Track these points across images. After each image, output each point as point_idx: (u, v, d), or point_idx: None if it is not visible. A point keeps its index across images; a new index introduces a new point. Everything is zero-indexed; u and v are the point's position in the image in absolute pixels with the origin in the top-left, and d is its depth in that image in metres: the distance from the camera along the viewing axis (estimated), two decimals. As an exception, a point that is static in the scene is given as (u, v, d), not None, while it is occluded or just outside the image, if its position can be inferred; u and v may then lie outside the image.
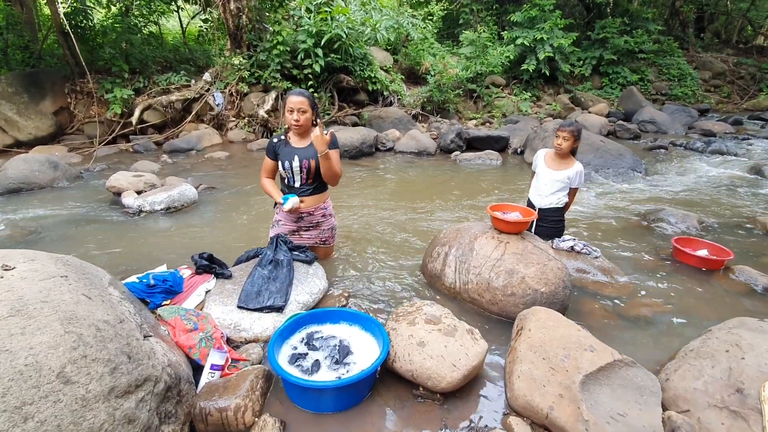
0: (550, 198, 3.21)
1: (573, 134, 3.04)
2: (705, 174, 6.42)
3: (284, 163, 2.68)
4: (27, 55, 8.74)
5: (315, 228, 2.91)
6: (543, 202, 3.25)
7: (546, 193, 3.22)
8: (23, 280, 1.47)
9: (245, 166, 6.69)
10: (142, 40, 9.74)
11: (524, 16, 12.01)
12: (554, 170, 3.17)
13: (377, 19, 9.12)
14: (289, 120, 2.57)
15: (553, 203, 3.21)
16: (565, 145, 3.06)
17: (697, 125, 10.32)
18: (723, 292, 2.90)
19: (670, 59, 14.31)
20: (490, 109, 11.06)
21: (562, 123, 3.17)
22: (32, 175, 5.25)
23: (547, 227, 3.26)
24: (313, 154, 2.64)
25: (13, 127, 7.55)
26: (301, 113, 2.55)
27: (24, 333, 1.29)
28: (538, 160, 3.31)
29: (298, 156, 2.65)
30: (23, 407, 1.18)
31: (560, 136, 3.07)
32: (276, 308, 2.27)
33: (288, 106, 2.56)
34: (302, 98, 2.54)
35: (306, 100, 2.55)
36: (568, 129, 3.04)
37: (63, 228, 4.06)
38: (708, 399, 1.68)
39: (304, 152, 2.67)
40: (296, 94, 2.56)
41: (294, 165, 2.66)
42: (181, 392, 1.63)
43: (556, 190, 3.17)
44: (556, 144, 3.10)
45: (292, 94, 2.58)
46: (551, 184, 3.18)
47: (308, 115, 2.58)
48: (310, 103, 2.57)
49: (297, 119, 2.55)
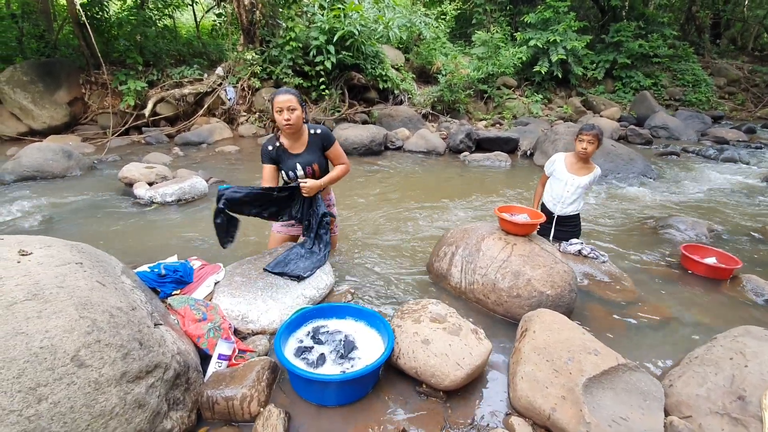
0: (573, 206, 3.19)
1: (597, 137, 2.99)
2: (716, 182, 6.35)
3: (288, 174, 2.60)
4: (42, 45, 8.87)
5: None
6: (566, 210, 3.21)
7: (569, 200, 3.18)
8: (40, 266, 1.51)
9: (255, 160, 6.74)
10: (157, 33, 9.84)
11: (538, 18, 11.93)
12: (579, 176, 3.12)
13: (390, 17, 9.13)
14: (280, 121, 2.42)
15: (576, 210, 3.20)
16: (590, 149, 3.00)
17: (710, 132, 10.20)
18: (730, 301, 2.88)
19: (684, 65, 14.15)
20: (501, 110, 11.02)
21: (584, 127, 3.06)
22: (46, 164, 5.34)
23: (567, 231, 3.26)
24: (314, 158, 2.59)
25: (27, 116, 7.68)
26: (291, 111, 2.40)
27: (40, 317, 1.33)
28: (557, 165, 3.21)
29: (300, 164, 2.57)
30: (38, 388, 1.21)
31: (584, 140, 3.00)
32: (295, 277, 2.41)
33: (276, 107, 2.40)
34: (289, 96, 2.40)
35: (293, 98, 2.41)
36: (591, 132, 2.97)
37: (76, 216, 4.14)
38: (710, 405, 1.68)
39: (304, 159, 2.58)
40: (282, 93, 2.41)
41: (298, 174, 2.60)
42: (189, 380, 1.67)
43: (579, 196, 3.16)
44: (581, 148, 3.02)
45: (277, 94, 2.42)
46: (575, 190, 3.13)
47: (298, 113, 2.43)
48: (298, 100, 2.44)
49: (288, 119, 2.39)
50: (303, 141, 2.58)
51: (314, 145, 2.59)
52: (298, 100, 2.44)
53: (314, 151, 2.59)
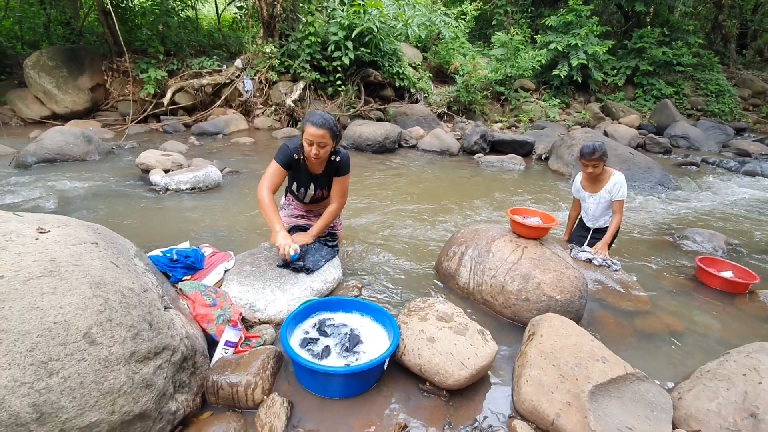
0: (604, 219, 3.30)
1: (601, 159, 3.04)
2: (736, 194, 6.20)
3: (300, 188, 2.60)
4: (68, 31, 9.06)
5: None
6: (596, 224, 3.36)
7: (595, 216, 3.32)
8: (57, 244, 1.54)
9: (269, 153, 6.74)
10: (179, 23, 9.97)
11: (560, 21, 11.76)
12: (596, 193, 3.23)
13: (410, 14, 9.10)
14: (308, 151, 2.31)
15: (607, 222, 3.29)
16: (596, 171, 3.09)
17: (731, 144, 9.96)
18: (745, 316, 2.81)
19: (708, 74, 13.81)
20: (517, 113, 10.91)
21: (582, 151, 3.06)
22: (67, 147, 5.46)
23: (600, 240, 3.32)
24: (327, 183, 2.60)
25: (51, 100, 7.85)
26: (321, 147, 2.27)
27: (55, 293, 1.36)
28: (576, 186, 3.37)
29: (314, 184, 2.59)
30: (49, 362, 1.24)
31: (589, 165, 3.07)
32: (296, 269, 2.41)
33: (306, 138, 2.26)
34: (323, 131, 2.23)
35: (327, 133, 2.25)
36: (592, 159, 3.02)
37: (93, 199, 4.22)
38: (720, 421, 1.64)
39: (319, 181, 2.58)
40: (318, 126, 2.22)
41: (309, 191, 2.63)
42: (195, 364, 1.69)
43: (604, 209, 3.25)
44: (588, 173, 3.14)
45: (312, 123, 2.22)
46: (595, 206, 3.26)
47: (328, 148, 2.33)
48: (331, 135, 2.28)
49: (317, 153, 2.29)
50: (323, 162, 2.51)
51: (330, 170, 2.57)
52: (332, 134, 2.29)
53: (329, 175, 2.59)
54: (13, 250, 1.43)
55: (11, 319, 1.25)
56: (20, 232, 1.53)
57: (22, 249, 1.45)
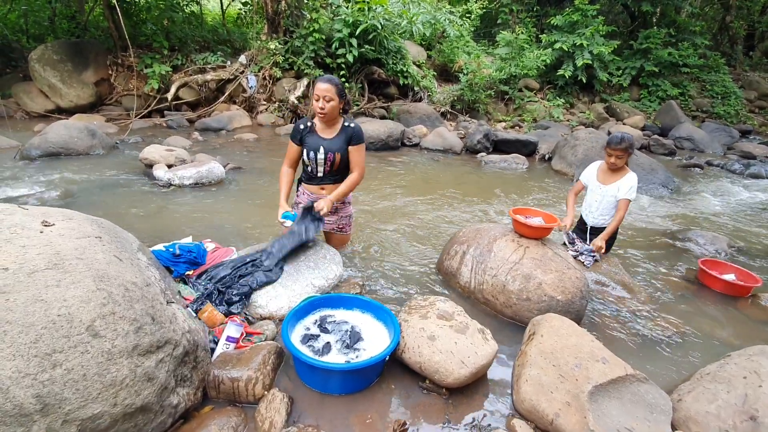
0: (601, 218, 3.12)
1: (627, 151, 2.90)
2: (740, 197, 6.17)
3: (309, 153, 2.60)
4: (73, 25, 9.08)
5: (334, 213, 2.92)
6: (597, 221, 3.16)
7: (597, 210, 3.12)
8: (61, 237, 1.55)
9: (272, 149, 6.80)
10: (183, 18, 9.98)
11: (565, 20, 11.70)
12: (606, 185, 3.04)
13: (414, 12, 9.07)
14: (315, 107, 2.47)
15: (607, 222, 3.09)
16: (620, 162, 2.94)
17: (736, 146, 9.89)
18: (747, 319, 2.81)
19: (714, 75, 13.71)
20: (521, 112, 10.87)
21: (611, 139, 2.94)
22: (71, 141, 5.47)
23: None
24: (339, 147, 2.59)
25: (55, 94, 7.87)
26: (327, 101, 2.43)
27: (59, 286, 1.37)
28: (589, 173, 3.17)
29: (323, 147, 2.57)
30: (53, 354, 1.25)
31: (613, 155, 2.92)
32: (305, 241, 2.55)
33: (315, 93, 2.45)
34: (329, 85, 2.42)
35: (333, 88, 2.43)
36: (620, 147, 2.87)
37: (97, 193, 4.24)
38: (720, 423, 1.64)
39: (330, 144, 2.58)
40: (324, 81, 2.44)
41: (319, 156, 2.59)
42: (197, 358, 1.70)
43: (606, 206, 3.07)
44: (611, 162, 2.96)
45: (320, 80, 2.46)
46: (602, 200, 3.07)
47: (334, 104, 2.45)
48: (337, 92, 2.45)
49: (322, 107, 2.43)
50: (335, 128, 2.61)
51: (343, 136, 2.59)
52: (338, 90, 2.46)
53: (342, 141, 2.60)
54: (18, 243, 1.44)
55: (16, 310, 1.26)
56: (25, 225, 1.54)
57: (26, 242, 1.46)
